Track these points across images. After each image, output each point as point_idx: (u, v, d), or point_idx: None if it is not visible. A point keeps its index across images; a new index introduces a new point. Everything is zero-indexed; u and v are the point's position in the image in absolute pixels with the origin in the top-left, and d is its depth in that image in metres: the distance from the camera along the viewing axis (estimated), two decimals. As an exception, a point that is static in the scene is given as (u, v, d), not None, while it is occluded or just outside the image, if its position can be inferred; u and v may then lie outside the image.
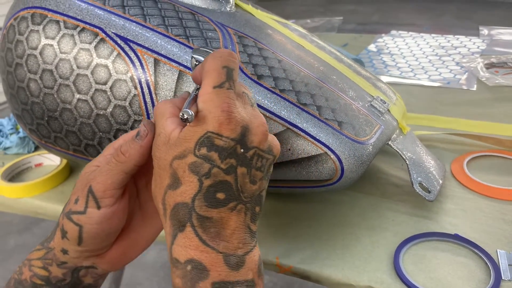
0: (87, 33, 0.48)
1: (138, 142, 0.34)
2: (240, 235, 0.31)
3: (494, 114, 0.72)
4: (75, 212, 0.35)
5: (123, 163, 0.34)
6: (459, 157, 0.61)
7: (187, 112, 0.29)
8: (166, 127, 0.32)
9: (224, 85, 0.31)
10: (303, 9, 4.32)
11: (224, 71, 0.31)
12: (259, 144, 0.31)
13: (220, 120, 0.30)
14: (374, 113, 0.51)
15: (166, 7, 0.52)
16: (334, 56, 0.60)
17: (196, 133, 0.30)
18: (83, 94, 0.48)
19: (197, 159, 0.30)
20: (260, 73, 0.48)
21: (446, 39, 1.04)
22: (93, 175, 0.35)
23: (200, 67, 0.33)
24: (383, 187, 0.57)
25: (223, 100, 0.30)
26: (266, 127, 0.32)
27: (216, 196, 0.30)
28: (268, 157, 0.32)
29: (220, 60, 0.32)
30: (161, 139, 0.32)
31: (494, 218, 0.50)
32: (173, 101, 0.34)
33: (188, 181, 0.30)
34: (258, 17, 0.60)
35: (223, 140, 0.30)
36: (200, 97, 0.31)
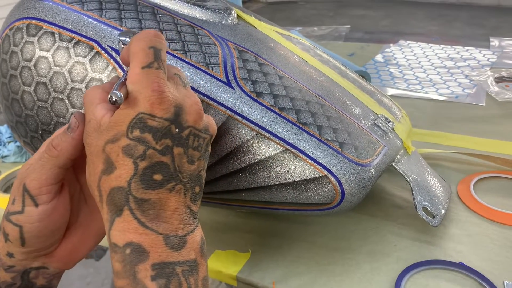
0: (82, 46, 0.47)
1: (69, 134, 0.33)
2: (181, 216, 0.30)
3: (503, 131, 0.69)
4: (13, 213, 0.33)
5: (55, 157, 0.33)
6: (465, 177, 0.59)
7: (115, 94, 0.29)
8: (96, 113, 0.31)
9: (153, 65, 0.30)
10: (313, 13, 4.30)
11: (151, 51, 0.31)
12: (194, 123, 0.31)
13: (152, 100, 0.29)
14: (377, 133, 0.50)
15: (165, 20, 0.50)
16: (338, 71, 0.59)
17: (128, 115, 0.30)
18: (77, 108, 0.47)
19: (131, 141, 0.29)
20: (259, 91, 0.46)
21: (455, 50, 1.02)
22: (26, 173, 0.34)
23: (127, 49, 0.32)
24: (387, 209, 0.55)
25: (153, 80, 0.30)
26: (200, 106, 0.32)
27: (153, 178, 0.29)
28: (205, 136, 0.32)
29: (146, 41, 0.31)
30: (92, 125, 0.31)
31: (502, 245, 0.48)
32: (102, 87, 0.34)
33: (122, 164, 0.29)
34: (261, 30, 0.58)
35: (157, 121, 0.29)
36: (129, 79, 0.31)
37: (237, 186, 0.45)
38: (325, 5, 4.52)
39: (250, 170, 0.44)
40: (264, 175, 0.44)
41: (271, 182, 0.45)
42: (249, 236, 0.52)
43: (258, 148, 0.44)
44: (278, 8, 4.55)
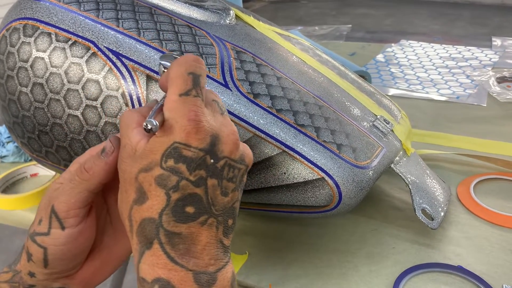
0: (79, 47, 0.46)
1: (103, 159, 0.32)
2: (212, 251, 0.29)
3: (504, 132, 0.69)
4: (39, 234, 0.33)
5: (87, 181, 0.32)
6: (465, 179, 0.58)
7: (150, 122, 0.28)
8: (132, 138, 0.30)
9: (191, 93, 0.30)
10: (316, 12, 4.29)
11: (190, 78, 0.30)
12: (230, 153, 0.30)
13: (188, 130, 0.28)
14: (376, 135, 0.49)
15: (162, 20, 0.50)
16: (337, 71, 0.58)
17: (163, 144, 0.29)
18: (73, 109, 0.47)
19: (164, 171, 0.28)
20: (256, 92, 0.46)
21: (457, 50, 1.01)
22: (55, 194, 0.33)
23: (166, 74, 0.32)
24: (385, 211, 0.54)
25: (190, 108, 0.29)
26: (237, 136, 0.31)
27: (185, 210, 0.28)
28: (240, 167, 0.31)
29: (185, 66, 0.30)
30: (127, 151, 0.30)
31: (501, 248, 0.47)
32: (139, 111, 0.33)
33: (155, 195, 0.29)
34: (260, 30, 0.58)
35: (191, 151, 0.28)
36: (166, 106, 0.30)
37: (234, 188, 0.45)
38: (327, 4, 4.51)
39: (247, 172, 0.44)
40: (261, 177, 0.44)
41: (268, 184, 0.44)
42: (247, 238, 0.52)
43: (255, 150, 0.44)
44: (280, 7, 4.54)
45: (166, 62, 0.34)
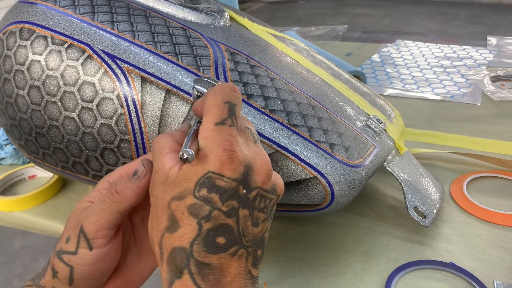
0: (74, 50, 0.47)
1: (135, 182, 0.32)
2: (241, 282, 0.29)
3: (498, 131, 0.69)
4: (66, 252, 0.33)
5: (117, 203, 0.32)
6: (459, 177, 0.59)
7: (187, 151, 0.28)
8: (165, 163, 0.30)
9: (226, 122, 0.29)
10: (314, 12, 4.30)
11: (226, 107, 0.30)
12: (263, 184, 0.30)
13: (222, 160, 0.28)
14: (369, 134, 0.50)
15: (157, 23, 0.51)
16: (330, 72, 0.59)
17: (197, 173, 0.29)
18: (70, 111, 0.47)
19: (197, 200, 0.28)
20: (250, 92, 0.47)
21: (452, 49, 1.02)
22: (85, 214, 0.33)
23: (201, 101, 0.32)
24: (380, 210, 0.55)
25: (225, 138, 0.29)
26: (270, 166, 0.30)
27: (216, 241, 0.28)
28: (272, 197, 0.31)
29: (222, 95, 0.30)
30: (159, 176, 0.30)
31: (493, 245, 0.48)
32: (172, 135, 0.32)
33: (186, 224, 0.28)
34: (254, 32, 0.59)
35: (225, 181, 0.28)
36: (201, 134, 0.30)
37: (228, 187, 0.46)
38: (325, 4, 4.51)
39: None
40: (254, 177, 0.45)
41: (262, 184, 0.45)
42: (242, 237, 0.53)
43: (248, 150, 0.44)
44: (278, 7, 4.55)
45: (200, 87, 0.34)
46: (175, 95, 0.45)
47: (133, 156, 0.47)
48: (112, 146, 0.47)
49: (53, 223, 0.59)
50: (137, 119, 0.46)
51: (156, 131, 0.45)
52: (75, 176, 0.53)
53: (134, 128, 0.46)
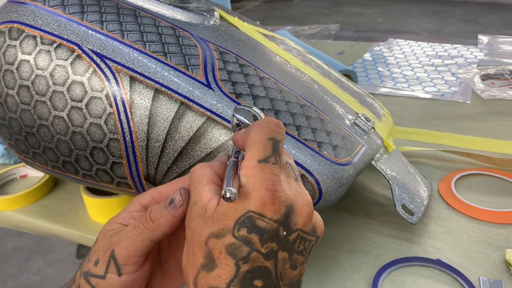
0: (64, 49, 0.47)
1: (170, 211, 0.31)
2: None
3: (487, 128, 0.70)
4: (94, 275, 0.32)
5: (151, 230, 0.31)
6: (447, 175, 0.59)
7: (230, 190, 0.27)
8: (203, 195, 0.29)
9: (270, 160, 0.28)
10: (309, 11, 4.30)
11: (270, 144, 0.29)
12: (303, 226, 0.28)
13: (264, 200, 0.27)
14: (357, 132, 0.50)
15: (146, 22, 0.51)
16: (320, 70, 0.59)
17: (237, 211, 0.27)
18: (59, 111, 0.48)
19: (236, 240, 0.27)
20: (239, 92, 0.47)
21: (443, 48, 1.03)
22: (116, 238, 0.32)
23: (244, 133, 0.30)
24: (368, 207, 0.56)
25: (268, 177, 0.28)
26: (312, 207, 0.29)
27: (253, 284, 0.27)
28: (312, 239, 0.29)
29: (267, 131, 0.29)
30: (197, 209, 0.29)
31: (479, 242, 0.48)
32: (211, 165, 0.31)
33: (224, 264, 0.28)
34: (244, 31, 0.59)
35: (266, 222, 0.27)
36: (244, 170, 0.29)
37: (217, 186, 0.46)
38: (320, 3, 4.51)
39: (230, 170, 0.45)
40: (243, 175, 0.45)
41: (250, 182, 0.45)
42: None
43: (237, 149, 0.45)
44: (273, 6, 4.54)
45: (240, 116, 0.34)
46: (164, 94, 0.45)
47: (122, 155, 0.47)
48: (101, 145, 0.47)
49: (44, 223, 0.59)
50: (126, 119, 0.46)
51: (145, 130, 0.45)
52: (66, 176, 0.53)
53: (123, 127, 0.46)
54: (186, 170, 0.46)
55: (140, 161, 0.47)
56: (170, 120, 0.45)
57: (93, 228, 0.57)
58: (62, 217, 0.59)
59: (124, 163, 0.47)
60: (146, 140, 0.46)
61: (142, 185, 0.49)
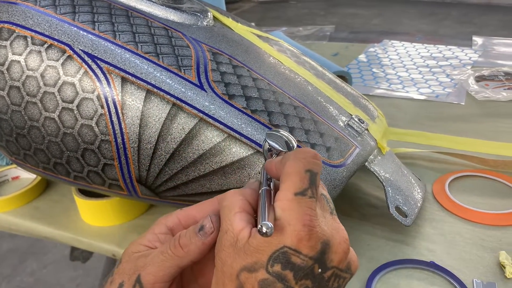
0: (55, 50, 0.47)
1: (200, 238, 0.30)
2: None
3: (481, 130, 0.70)
4: None
5: (179, 257, 0.31)
6: (441, 177, 0.59)
7: (266, 225, 0.26)
8: (234, 224, 0.28)
9: (307, 193, 0.27)
10: (305, 12, 4.30)
11: (307, 176, 0.28)
12: (339, 263, 0.27)
13: (300, 236, 0.26)
14: (350, 134, 0.50)
15: (138, 23, 0.50)
16: (314, 72, 0.59)
17: (271, 245, 0.27)
18: (50, 112, 0.47)
19: (269, 276, 0.26)
20: (232, 93, 0.47)
21: (438, 49, 1.03)
22: (143, 262, 0.31)
23: (279, 163, 0.30)
24: (362, 209, 0.55)
25: (305, 211, 0.27)
26: (348, 243, 0.28)
27: None
28: (346, 276, 0.29)
29: (303, 163, 0.28)
30: (228, 238, 0.28)
31: (473, 244, 0.48)
32: (242, 193, 0.30)
33: None
34: (237, 32, 0.59)
35: (301, 258, 0.26)
36: (279, 203, 0.28)
37: (209, 188, 0.46)
38: (316, 4, 4.52)
39: (222, 172, 0.45)
40: (236, 177, 0.45)
41: (243, 184, 0.45)
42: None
43: (229, 150, 0.44)
44: (269, 7, 4.55)
45: (273, 143, 0.33)
46: (156, 96, 0.45)
47: (113, 157, 0.47)
48: (92, 147, 0.47)
49: (36, 225, 0.58)
50: (117, 120, 0.45)
51: (137, 132, 0.45)
52: (57, 177, 0.52)
53: (114, 128, 0.46)
54: (178, 172, 0.45)
55: (131, 162, 0.46)
56: (162, 122, 0.45)
57: (85, 231, 0.56)
58: (54, 219, 0.59)
59: (116, 164, 0.47)
60: (137, 141, 0.45)
61: (134, 187, 0.48)
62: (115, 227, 0.56)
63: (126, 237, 0.54)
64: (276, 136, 0.33)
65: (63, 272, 1.65)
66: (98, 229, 0.56)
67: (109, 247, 0.53)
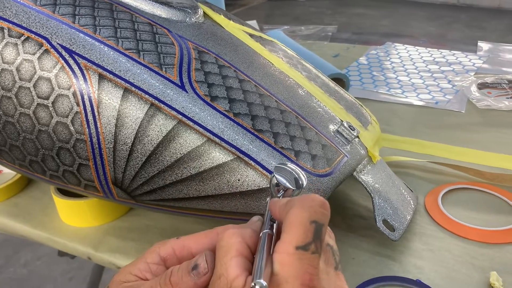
0: (32, 43, 0.45)
1: (193, 278, 0.28)
2: None
3: (480, 140, 0.67)
4: None
5: None
6: (435, 188, 0.57)
7: (260, 283, 0.24)
8: (229, 270, 0.26)
9: (309, 248, 0.25)
10: (313, 11, 4.27)
11: (312, 228, 0.25)
12: None
13: None
14: (339, 141, 0.48)
15: (122, 17, 0.48)
16: (306, 74, 0.57)
17: None
18: (25, 108, 0.45)
19: None
20: (214, 94, 0.44)
21: (441, 54, 1.00)
22: None
23: (283, 207, 0.28)
24: (350, 219, 0.53)
25: (306, 269, 0.25)
26: None
27: None
28: None
29: (310, 212, 0.26)
30: (221, 285, 0.26)
31: (463, 262, 0.46)
32: (241, 234, 0.28)
33: None
34: (228, 30, 0.56)
35: None
36: (278, 255, 0.25)
37: (186, 194, 0.44)
38: (324, 3, 4.48)
39: (200, 178, 0.43)
40: (214, 184, 0.43)
41: (221, 191, 0.43)
42: (205, 244, 0.51)
43: (208, 155, 0.42)
44: (277, 5, 4.51)
45: (281, 178, 0.31)
46: (134, 94, 0.43)
47: (89, 157, 0.44)
48: (68, 146, 0.45)
49: (12, 223, 0.57)
50: (93, 119, 0.43)
51: (113, 132, 0.43)
52: (34, 175, 0.50)
53: (90, 128, 0.43)
54: (154, 176, 0.43)
55: (107, 164, 0.44)
56: (139, 122, 0.42)
57: (61, 231, 0.54)
58: (32, 216, 0.57)
59: (91, 165, 0.45)
60: (113, 142, 0.43)
61: (110, 189, 0.46)
62: (93, 228, 0.54)
63: (103, 240, 0.52)
64: (285, 171, 0.31)
65: (57, 265, 1.64)
66: (75, 230, 0.54)
67: (85, 250, 0.51)
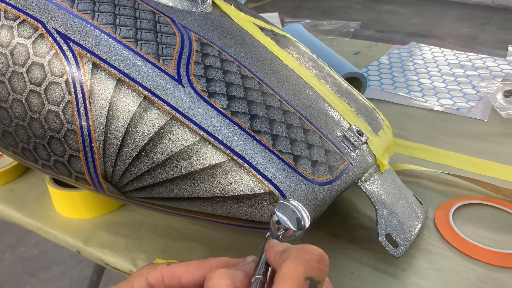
0: (27, 26, 0.43)
1: None
2: None
3: (501, 152, 0.63)
4: None
5: None
6: (447, 202, 0.53)
7: None
8: None
9: None
10: (341, 5, 4.19)
11: (306, 285, 0.24)
12: None
13: None
14: (344, 147, 0.45)
15: (123, 4, 0.46)
16: (317, 72, 0.53)
17: None
18: (18, 93, 0.44)
19: None
20: (212, 90, 0.42)
21: (468, 57, 0.95)
22: None
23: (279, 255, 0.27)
24: (352, 230, 0.50)
25: None
26: None
27: None
28: None
29: (305, 267, 0.25)
30: None
31: (471, 285, 0.42)
32: (232, 278, 0.27)
33: None
34: (237, 22, 0.54)
35: None
36: None
37: (177, 194, 0.41)
38: (354, -2, 4.39)
39: (191, 179, 0.40)
40: (205, 185, 0.40)
41: (213, 194, 0.40)
42: (198, 246, 0.48)
43: (200, 155, 0.40)
44: (306, -2, 4.43)
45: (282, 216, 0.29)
46: (127, 86, 0.40)
47: (79, 149, 0.42)
48: (59, 135, 0.43)
49: (7, 209, 0.55)
50: (84, 109, 0.41)
51: (104, 124, 0.41)
52: (27, 163, 0.49)
53: (81, 118, 0.41)
54: (144, 173, 0.41)
55: (97, 157, 0.42)
56: (131, 116, 0.40)
57: (53, 222, 0.53)
58: (26, 203, 0.56)
59: (81, 157, 0.43)
60: (104, 135, 0.41)
61: (100, 184, 0.44)
62: (85, 220, 0.53)
63: (94, 234, 0.51)
64: (288, 209, 0.29)
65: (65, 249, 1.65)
66: (67, 221, 0.53)
67: (74, 243, 0.50)
